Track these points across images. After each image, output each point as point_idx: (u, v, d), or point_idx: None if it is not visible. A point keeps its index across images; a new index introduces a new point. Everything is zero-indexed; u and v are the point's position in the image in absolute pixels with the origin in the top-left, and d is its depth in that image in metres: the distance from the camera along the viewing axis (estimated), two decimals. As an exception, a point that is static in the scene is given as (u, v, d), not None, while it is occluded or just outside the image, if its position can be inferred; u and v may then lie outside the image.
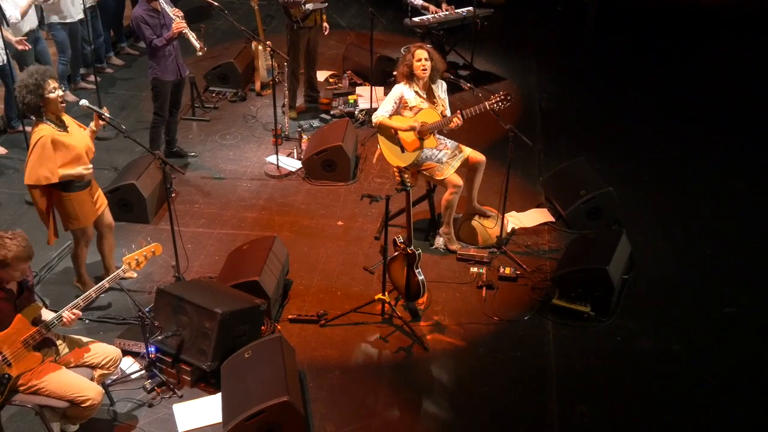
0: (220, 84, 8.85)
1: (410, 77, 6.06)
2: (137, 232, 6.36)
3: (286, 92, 8.09)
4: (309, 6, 7.81)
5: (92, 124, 5.31)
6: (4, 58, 7.21)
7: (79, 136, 5.20)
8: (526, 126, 7.91)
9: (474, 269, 6.03)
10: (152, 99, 7.15)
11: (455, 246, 6.25)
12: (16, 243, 4.00)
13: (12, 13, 7.20)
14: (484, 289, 5.84)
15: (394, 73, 6.25)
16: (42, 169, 5.00)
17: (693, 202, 7.00)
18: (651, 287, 5.89)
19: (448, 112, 6.11)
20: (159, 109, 7.15)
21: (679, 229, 6.61)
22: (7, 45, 7.19)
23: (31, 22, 7.57)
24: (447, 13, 8.85)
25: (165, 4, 6.81)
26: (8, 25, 7.24)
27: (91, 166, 5.23)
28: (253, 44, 8.70)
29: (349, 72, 9.17)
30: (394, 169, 5.35)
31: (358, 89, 8.81)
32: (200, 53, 6.98)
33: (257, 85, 8.88)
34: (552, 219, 6.70)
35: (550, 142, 7.98)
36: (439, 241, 6.30)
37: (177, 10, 6.90)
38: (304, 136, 7.68)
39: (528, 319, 5.58)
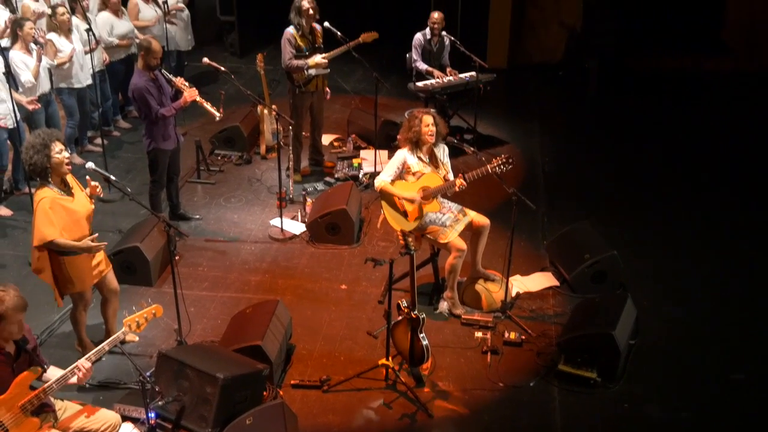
0: (225, 147, 8.93)
1: (414, 143, 6.09)
2: (140, 295, 6.31)
3: (291, 155, 8.16)
4: (312, 72, 7.92)
5: (88, 190, 5.28)
6: (15, 120, 7.30)
7: (81, 201, 5.21)
8: (529, 189, 7.93)
9: (478, 334, 5.97)
10: (149, 168, 7.15)
11: (459, 310, 6.21)
12: (9, 295, 3.99)
13: (26, 78, 7.33)
14: (488, 354, 5.77)
15: (398, 137, 6.30)
16: (46, 230, 5.01)
17: (699, 265, 6.96)
18: (658, 352, 5.82)
19: (450, 176, 6.13)
20: (158, 177, 7.17)
21: (685, 294, 6.56)
22: (19, 108, 7.30)
23: (44, 85, 7.70)
24: (450, 78, 8.96)
25: (164, 74, 6.88)
26: (21, 89, 7.36)
27: (103, 244, 5.26)
28: (259, 108, 8.81)
29: (354, 135, 9.25)
30: (398, 232, 5.36)
31: (363, 152, 8.87)
32: (218, 119, 7.07)
33: (262, 149, 8.95)
34: (556, 283, 6.66)
35: (553, 205, 7.99)
36: (443, 306, 6.25)
37: (181, 79, 6.99)
38: (309, 200, 7.71)
39: (533, 385, 5.50)
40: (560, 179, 8.63)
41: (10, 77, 7.18)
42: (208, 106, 6.95)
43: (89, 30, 8.15)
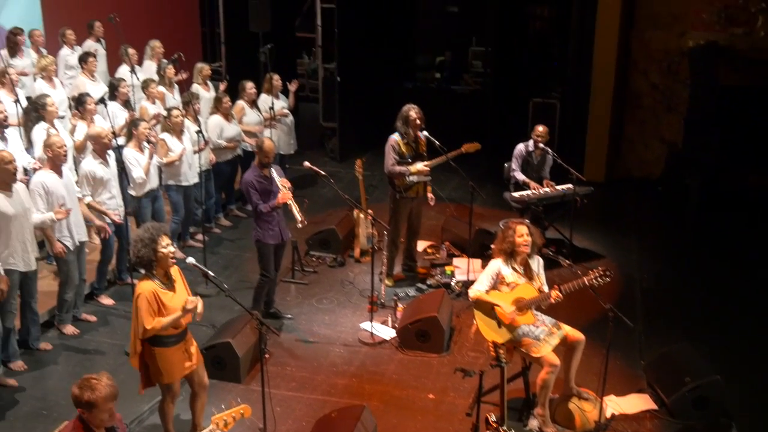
0: (320, 249, 9.08)
1: (510, 254, 6.06)
2: (228, 391, 6.36)
3: (385, 260, 8.21)
4: (413, 178, 8.05)
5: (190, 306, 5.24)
6: (122, 215, 7.65)
7: (181, 296, 5.34)
8: (626, 306, 7.67)
9: (570, 455, 5.72)
10: (258, 260, 7.39)
11: (550, 429, 5.97)
12: (102, 384, 4.07)
13: (138, 174, 7.72)
14: (580, 477, 5.50)
15: (492, 246, 6.27)
16: (148, 322, 5.14)
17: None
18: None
19: (545, 288, 6.03)
20: (264, 269, 7.36)
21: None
22: (129, 202, 7.66)
23: (153, 181, 8.08)
24: (547, 189, 8.94)
25: (275, 173, 7.17)
26: (132, 184, 7.75)
27: (197, 300, 5.26)
28: (355, 212, 8.96)
29: (448, 243, 9.26)
30: (490, 343, 5.26)
31: (456, 261, 8.85)
32: (300, 225, 7.24)
33: (357, 252, 9.06)
34: (654, 406, 6.34)
35: (651, 323, 7.71)
36: (534, 423, 6.03)
37: (285, 180, 7.25)
38: (400, 305, 7.70)
39: None
40: (659, 297, 8.35)
41: (123, 173, 7.58)
42: (295, 210, 7.18)
43: (199, 132, 8.58)
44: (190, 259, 5.52)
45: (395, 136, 8.07)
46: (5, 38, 9.56)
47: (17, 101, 8.19)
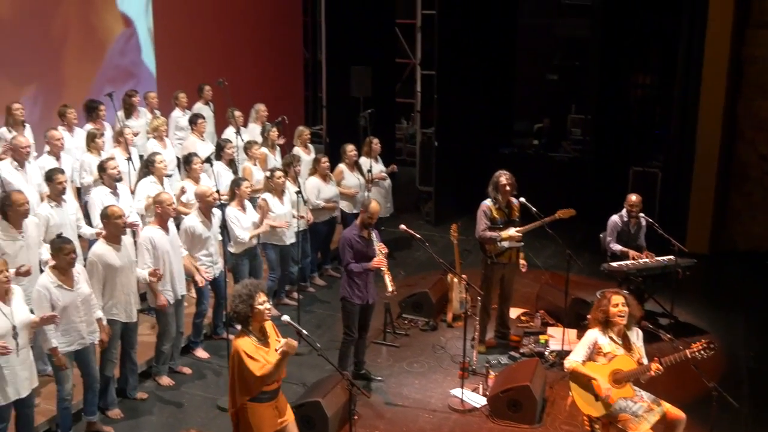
0: (413, 312, 9.06)
1: (605, 323, 5.90)
2: (316, 452, 6.35)
3: (477, 326, 8.11)
4: (504, 244, 7.99)
5: (281, 348, 5.33)
6: (221, 269, 7.86)
7: (275, 352, 5.40)
8: (730, 385, 7.29)
9: None
10: (342, 317, 7.44)
11: None
12: None
13: (241, 235, 7.96)
14: None
15: (588, 316, 6.13)
16: (254, 369, 5.20)
17: None
18: None
19: (644, 361, 5.82)
20: (347, 328, 7.39)
21: None
22: (227, 259, 7.88)
23: (253, 240, 8.29)
24: (647, 260, 8.69)
25: (375, 236, 7.25)
26: (232, 242, 7.98)
27: (293, 344, 5.29)
28: (449, 276, 8.93)
29: (542, 311, 9.09)
30: (585, 417, 5.10)
31: (550, 329, 8.67)
32: (389, 294, 7.26)
33: (449, 316, 8.99)
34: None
35: (758, 406, 7.29)
36: (630, 503, 5.76)
37: (383, 245, 7.31)
38: (491, 372, 7.56)
39: None
40: (767, 377, 7.92)
41: (225, 231, 7.82)
42: (387, 278, 7.21)
43: (299, 192, 8.78)
44: (285, 317, 5.60)
45: (487, 202, 8.06)
46: (121, 100, 10.12)
47: (129, 159, 8.62)
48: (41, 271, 6.67)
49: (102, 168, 7.87)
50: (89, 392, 6.60)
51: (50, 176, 7.33)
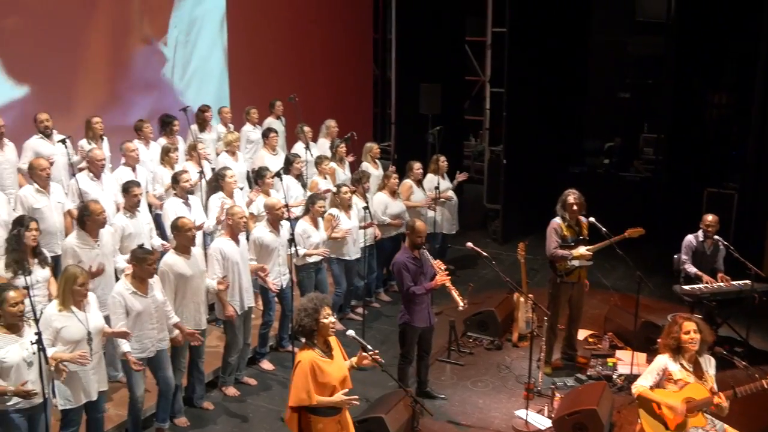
0: (478, 330, 8.98)
1: (676, 350, 5.75)
2: (378, 468, 6.33)
3: (543, 346, 8.00)
4: (575, 262, 7.88)
5: (354, 360, 5.51)
6: (288, 281, 7.94)
7: (339, 364, 5.41)
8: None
9: None
10: (399, 342, 7.41)
11: None
12: None
13: (302, 252, 8.05)
14: None
15: (658, 340, 5.98)
16: (301, 392, 5.25)
17: None
18: None
19: (716, 389, 5.64)
20: (406, 352, 7.36)
21: None
22: (298, 269, 7.98)
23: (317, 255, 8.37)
24: (722, 284, 8.43)
25: (427, 254, 7.21)
26: (297, 255, 8.06)
27: (355, 398, 5.35)
28: (515, 295, 8.82)
29: (611, 334, 8.91)
30: (654, 444, 4.96)
31: (618, 353, 8.48)
32: (461, 309, 7.20)
33: (515, 336, 8.88)
34: None
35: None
36: None
37: (439, 262, 7.26)
38: (557, 394, 7.43)
39: None
40: None
41: (293, 244, 7.91)
42: (455, 293, 7.12)
43: (366, 208, 8.83)
44: (351, 332, 5.62)
45: (557, 220, 7.97)
46: (194, 115, 10.36)
47: (202, 173, 8.81)
48: (116, 279, 6.86)
49: (175, 180, 8.09)
50: (162, 399, 6.75)
51: (126, 188, 7.57)
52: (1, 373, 5.30)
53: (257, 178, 8.91)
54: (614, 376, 7.94)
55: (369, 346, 5.55)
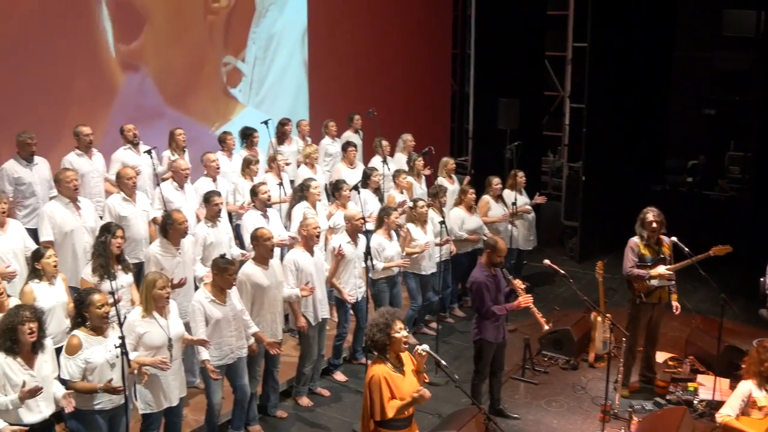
0: (553, 349, 8.84)
1: (762, 376, 5.55)
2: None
3: (621, 368, 7.81)
4: (654, 282, 7.68)
5: (416, 394, 5.28)
6: (363, 294, 7.99)
7: (410, 380, 5.39)
8: None
9: None
10: (474, 358, 7.36)
11: None
12: None
13: (378, 265, 8.09)
14: None
15: (742, 366, 5.78)
16: (374, 406, 5.26)
17: None
18: None
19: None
20: (481, 369, 7.30)
21: None
22: (373, 283, 8.01)
23: (393, 268, 8.39)
24: (811, 309, 8.11)
25: (505, 272, 7.15)
26: (373, 269, 8.11)
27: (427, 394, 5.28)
28: (593, 315, 8.66)
29: (692, 357, 8.64)
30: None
31: (700, 377, 8.21)
32: (545, 331, 7.12)
33: (591, 356, 8.71)
34: None
35: None
36: None
37: (519, 281, 7.19)
38: (635, 418, 7.24)
39: None
40: None
41: (369, 257, 7.96)
42: (538, 315, 7.05)
43: (443, 223, 8.82)
44: (425, 347, 5.57)
45: (635, 238, 7.79)
46: (275, 127, 10.55)
47: (281, 184, 8.96)
48: (196, 287, 7.03)
49: (254, 192, 8.25)
50: (238, 406, 6.86)
51: (207, 198, 7.76)
52: (85, 373, 5.49)
53: (334, 191, 9.01)
54: (695, 402, 7.70)
55: (443, 361, 5.53)
